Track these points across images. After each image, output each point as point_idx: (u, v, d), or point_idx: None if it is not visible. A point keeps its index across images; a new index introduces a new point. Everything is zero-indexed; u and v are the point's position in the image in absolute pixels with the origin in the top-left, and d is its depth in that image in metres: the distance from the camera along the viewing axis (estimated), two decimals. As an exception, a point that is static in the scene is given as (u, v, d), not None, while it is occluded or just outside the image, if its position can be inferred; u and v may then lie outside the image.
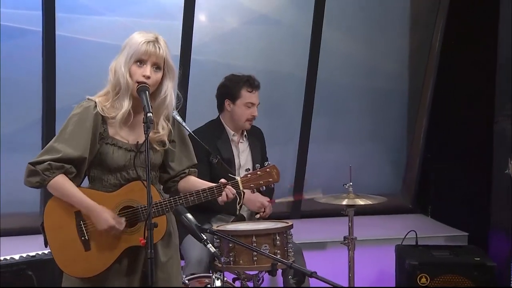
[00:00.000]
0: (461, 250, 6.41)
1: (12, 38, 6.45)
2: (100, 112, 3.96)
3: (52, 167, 3.89)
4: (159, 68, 3.95)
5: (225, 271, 5.09)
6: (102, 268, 3.97)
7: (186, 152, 4.20)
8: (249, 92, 5.72)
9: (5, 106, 6.54)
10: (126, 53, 3.93)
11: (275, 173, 4.15)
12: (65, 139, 3.93)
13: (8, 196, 6.21)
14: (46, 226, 4.02)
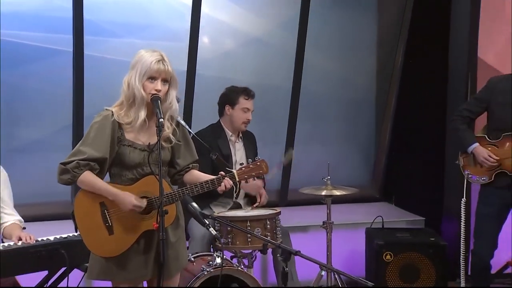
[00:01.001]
0: (419, 232, 6.46)
1: (48, 57, 6.44)
2: (116, 119, 3.98)
3: (80, 165, 3.91)
4: (166, 81, 3.97)
5: (224, 250, 5.16)
6: (123, 249, 3.98)
7: (189, 150, 4.21)
8: (245, 99, 5.77)
9: (42, 114, 6.56)
10: (139, 70, 3.94)
11: (264, 166, 4.17)
12: (89, 143, 3.95)
13: (44, 188, 6.19)
14: (76, 214, 4.04)
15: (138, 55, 4.00)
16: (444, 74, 6.83)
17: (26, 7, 6.32)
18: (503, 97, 5.35)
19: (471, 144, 5.42)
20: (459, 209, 5.58)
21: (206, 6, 6.57)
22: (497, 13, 6.54)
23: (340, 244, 6.21)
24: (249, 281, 4.96)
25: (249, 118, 5.82)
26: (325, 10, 6.99)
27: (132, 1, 6.60)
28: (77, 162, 3.91)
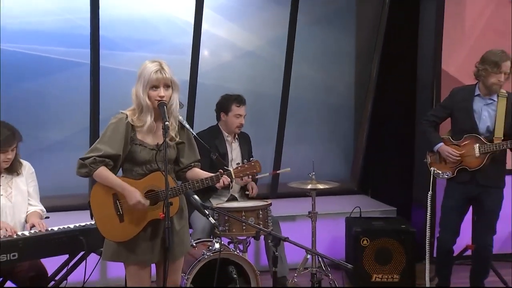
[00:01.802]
0: (391, 220, 6.44)
1: (69, 68, 6.45)
2: (130, 122, 3.98)
3: (96, 161, 3.91)
4: (168, 86, 3.96)
5: (222, 236, 5.17)
6: (132, 234, 3.98)
7: (192, 150, 4.21)
8: (237, 106, 5.78)
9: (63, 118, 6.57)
10: (143, 81, 3.94)
11: (258, 166, 4.15)
12: (105, 141, 3.95)
13: (65, 183, 6.21)
14: (92, 204, 4.04)
15: (142, 66, 4.00)
16: (413, 83, 6.85)
17: (51, 25, 6.33)
18: (464, 105, 5.34)
19: (437, 144, 5.42)
20: (426, 201, 5.56)
21: (206, 24, 6.55)
22: (458, 31, 6.53)
23: (323, 231, 6.21)
24: (244, 264, 4.97)
25: (241, 122, 5.83)
26: (310, 27, 6.97)
27: (142, 20, 6.57)
28: (94, 158, 3.92)
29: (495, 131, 5.25)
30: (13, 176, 4.77)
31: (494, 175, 5.31)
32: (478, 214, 5.45)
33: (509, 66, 5.18)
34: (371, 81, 7.24)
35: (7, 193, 4.72)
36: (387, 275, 5.99)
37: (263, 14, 6.93)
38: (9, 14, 6.13)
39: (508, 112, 5.26)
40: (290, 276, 5.68)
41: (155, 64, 3.95)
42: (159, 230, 3.96)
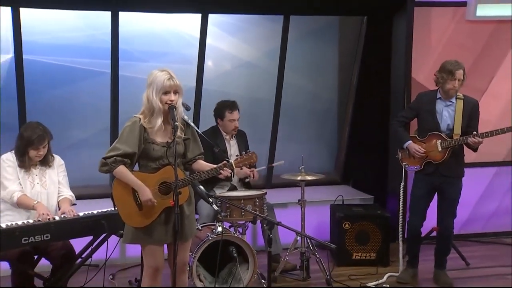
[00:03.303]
0: (369, 207, 6.47)
1: (92, 77, 6.47)
2: (143, 124, 4.01)
3: (116, 161, 3.95)
4: (176, 92, 4.00)
5: (224, 221, 5.17)
6: (149, 221, 4.02)
7: (196, 144, 4.23)
8: (229, 113, 5.76)
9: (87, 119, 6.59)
10: (155, 87, 3.96)
11: (254, 156, 4.18)
12: (123, 141, 3.99)
13: (89, 175, 6.04)
14: (114, 196, 4.09)
15: (152, 75, 4.01)
16: (387, 90, 6.83)
17: (77, 39, 6.34)
18: (428, 106, 5.36)
19: (406, 141, 5.42)
20: (399, 190, 5.59)
21: (210, 38, 6.53)
22: (426, 45, 6.55)
23: (311, 216, 6.20)
24: (243, 244, 4.98)
25: (236, 125, 5.80)
26: (299, 41, 6.95)
27: (155, 35, 6.56)
28: (115, 158, 3.95)
29: (454, 129, 5.27)
30: (46, 168, 4.79)
31: (454, 167, 5.33)
32: (441, 201, 5.43)
33: (462, 74, 5.20)
34: (351, 88, 7.22)
35: (42, 181, 4.75)
36: (366, 253, 6.01)
37: (259, 30, 6.91)
38: (42, 30, 6.15)
39: (465, 112, 5.29)
40: (283, 255, 5.64)
41: (166, 73, 3.98)
42: (171, 215, 3.97)
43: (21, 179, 4.68)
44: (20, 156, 4.69)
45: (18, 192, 4.60)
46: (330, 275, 5.55)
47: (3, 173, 4.66)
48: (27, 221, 4.44)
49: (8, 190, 4.60)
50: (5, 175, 4.65)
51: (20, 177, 4.68)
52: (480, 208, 6.91)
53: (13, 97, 6.08)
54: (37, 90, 6.23)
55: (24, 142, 4.67)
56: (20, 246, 4.32)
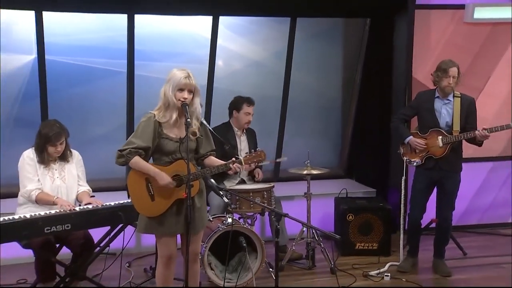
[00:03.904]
0: (372, 199, 6.48)
1: (109, 76, 6.47)
2: (157, 119, 4.03)
3: (131, 152, 3.97)
4: (191, 92, 4.01)
5: (234, 213, 5.19)
6: (162, 211, 4.04)
7: (209, 142, 4.25)
8: (248, 106, 5.80)
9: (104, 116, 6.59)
10: (172, 83, 3.98)
11: (263, 154, 4.20)
12: (138, 136, 4.01)
13: (106, 168, 6.15)
14: (129, 186, 4.11)
15: (172, 72, 4.04)
16: (389, 88, 6.83)
17: (95, 41, 6.35)
18: (427, 105, 5.37)
19: (407, 137, 5.44)
20: (400, 184, 5.58)
21: (220, 39, 6.55)
22: (425, 46, 6.55)
23: (316, 208, 6.20)
24: (251, 235, 5.01)
25: (250, 119, 5.83)
26: (305, 42, 6.94)
27: (169, 36, 6.56)
28: (130, 150, 3.97)
29: (453, 125, 5.26)
30: (65, 163, 4.83)
31: (453, 162, 5.33)
32: (440, 194, 5.43)
33: (456, 71, 5.22)
34: (355, 86, 7.23)
35: (61, 176, 4.78)
36: (368, 243, 6.02)
37: (267, 31, 6.90)
38: (62, 33, 6.17)
39: (463, 110, 5.29)
40: (289, 245, 5.66)
41: (184, 72, 4.00)
42: (183, 207, 4.01)
43: (41, 174, 4.71)
44: (39, 152, 4.72)
45: (35, 190, 4.64)
46: (335, 264, 5.58)
47: (22, 171, 4.70)
48: (49, 212, 4.48)
49: (26, 189, 4.64)
50: (24, 173, 4.69)
51: (40, 173, 4.71)
52: (477, 201, 6.91)
53: (36, 95, 6.12)
54: (58, 89, 6.25)
55: (42, 139, 4.70)
56: (42, 235, 4.35)
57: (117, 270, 5.01)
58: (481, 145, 5.34)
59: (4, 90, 6.18)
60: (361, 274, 5.50)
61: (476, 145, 5.33)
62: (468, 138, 5.27)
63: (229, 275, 4.97)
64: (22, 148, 4.80)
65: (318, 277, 5.49)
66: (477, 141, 5.27)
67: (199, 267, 4.44)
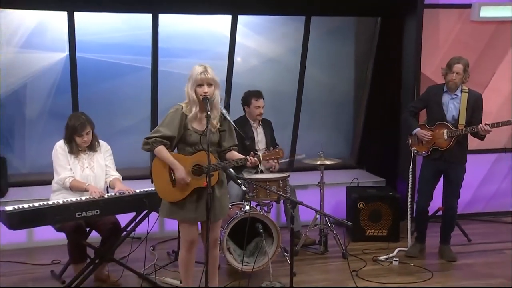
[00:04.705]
0: (381, 189, 6.44)
1: (134, 72, 6.49)
2: (184, 112, 4.05)
3: (157, 141, 4.00)
4: (211, 84, 4.00)
5: (251, 200, 5.16)
6: (182, 196, 4.08)
7: (231, 137, 4.24)
8: (255, 100, 5.79)
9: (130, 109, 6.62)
10: (191, 80, 4.00)
11: (281, 152, 4.20)
12: (165, 125, 4.04)
13: (132, 158, 6.27)
14: (153, 172, 4.14)
15: (192, 70, 4.05)
16: (399, 83, 6.78)
17: (121, 39, 6.37)
18: (436, 98, 5.35)
19: (415, 129, 5.42)
20: (408, 174, 5.59)
21: (239, 36, 6.54)
22: (434, 43, 6.50)
23: (329, 197, 6.19)
24: (268, 221, 4.99)
25: (261, 112, 5.80)
26: (319, 40, 6.91)
27: (190, 34, 6.56)
28: (155, 138, 4.00)
29: (459, 119, 5.24)
30: (93, 153, 4.86)
31: (458, 154, 5.30)
32: (446, 183, 5.42)
33: (460, 68, 5.18)
34: (366, 81, 7.19)
35: (90, 165, 4.81)
36: (378, 230, 6.02)
37: (283, 29, 6.88)
38: (91, 31, 6.21)
39: (469, 105, 5.26)
40: (303, 231, 5.68)
41: (201, 67, 4.01)
42: (203, 195, 4.02)
43: (72, 164, 4.75)
44: (68, 143, 4.76)
45: (69, 177, 4.68)
46: (346, 249, 5.60)
47: (56, 160, 4.75)
48: (80, 198, 4.53)
49: (60, 177, 4.69)
50: (58, 162, 4.73)
51: (71, 163, 4.75)
52: (481, 190, 6.87)
53: (68, 90, 6.17)
54: (88, 84, 6.29)
55: (69, 130, 4.74)
56: (74, 219, 4.41)
57: (142, 253, 5.07)
58: (483, 139, 5.31)
59: (39, 85, 6.26)
60: (371, 258, 5.51)
61: (479, 139, 5.31)
62: (472, 132, 5.24)
63: (246, 259, 4.98)
64: (55, 139, 4.86)
65: (330, 262, 5.50)
66: (480, 135, 5.24)
67: (218, 251, 4.46)
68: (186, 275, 4.32)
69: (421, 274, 5.17)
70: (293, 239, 4.05)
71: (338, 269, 5.28)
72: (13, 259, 5.48)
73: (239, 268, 4.84)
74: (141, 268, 5.00)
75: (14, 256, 5.56)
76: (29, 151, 6.41)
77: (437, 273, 5.18)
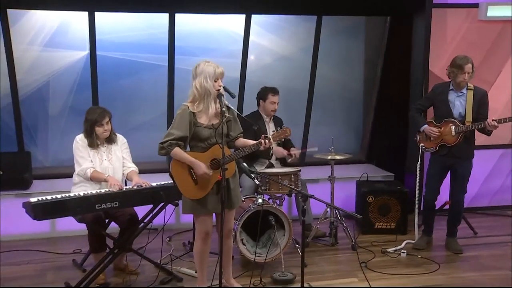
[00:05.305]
0: (390, 183, 6.43)
1: (152, 69, 6.52)
2: (191, 110, 4.06)
3: (171, 144, 4.03)
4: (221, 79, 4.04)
5: (264, 194, 5.18)
6: (204, 193, 4.12)
7: (237, 125, 4.28)
8: (272, 95, 5.77)
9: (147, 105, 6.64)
10: (207, 75, 3.99)
11: (288, 131, 4.26)
12: (175, 127, 4.06)
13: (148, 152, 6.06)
14: (173, 173, 4.16)
15: (200, 66, 4.04)
16: (407, 81, 6.74)
17: (139, 37, 6.40)
18: (442, 96, 5.32)
19: (423, 125, 5.40)
20: (416, 169, 5.58)
21: (252, 35, 6.53)
22: (442, 42, 6.46)
23: (339, 190, 6.18)
24: (280, 214, 5.00)
25: (275, 108, 5.79)
26: (330, 38, 6.91)
27: (205, 33, 6.57)
28: (170, 142, 4.01)
29: (466, 116, 5.21)
30: (111, 146, 4.87)
31: (465, 149, 5.28)
32: (453, 178, 5.40)
33: (470, 67, 5.14)
34: (376, 79, 7.17)
35: (108, 158, 4.83)
36: (386, 223, 6.00)
37: (295, 28, 6.88)
38: (108, 30, 6.23)
39: (475, 101, 5.23)
40: (314, 224, 5.67)
41: (213, 63, 4.03)
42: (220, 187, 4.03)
43: (92, 157, 4.78)
44: (88, 136, 4.77)
45: (90, 168, 4.70)
46: (355, 241, 5.58)
47: (77, 152, 4.77)
48: (100, 191, 4.57)
49: (82, 167, 4.71)
50: (79, 154, 4.76)
51: (91, 155, 4.78)
52: (487, 185, 6.83)
53: (88, 86, 6.22)
54: (107, 81, 6.32)
55: (89, 123, 4.75)
56: (94, 211, 4.44)
57: (158, 244, 5.09)
58: (490, 135, 5.29)
59: (61, 83, 6.31)
60: (379, 250, 5.51)
61: (485, 134, 5.28)
62: (479, 128, 5.22)
63: (259, 250, 5.00)
64: (76, 134, 4.89)
65: (340, 253, 5.51)
66: (487, 131, 5.22)
67: (232, 242, 4.51)
68: (201, 265, 4.35)
69: (428, 265, 5.17)
70: (304, 231, 4.06)
71: (348, 261, 5.28)
72: (37, 248, 5.56)
73: (252, 259, 4.85)
74: (158, 258, 5.04)
75: (38, 245, 5.64)
76: (51, 146, 6.47)
77: (444, 265, 5.17)
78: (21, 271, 5.04)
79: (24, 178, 5.96)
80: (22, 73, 6.12)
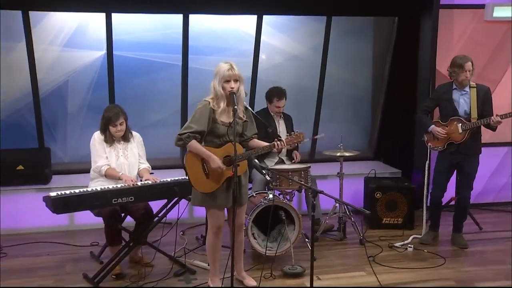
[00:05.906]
0: (397, 179, 6.41)
1: (166, 68, 6.52)
2: (211, 106, 4.07)
3: (189, 136, 4.02)
4: (237, 80, 4.03)
5: (274, 189, 5.18)
6: (215, 187, 4.12)
7: (252, 126, 4.28)
8: (277, 100, 5.75)
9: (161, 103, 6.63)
10: (219, 77, 4.01)
11: (302, 136, 4.23)
12: (195, 121, 4.06)
13: (163, 149, 6.28)
14: (187, 166, 4.16)
15: (218, 67, 4.06)
16: (415, 80, 6.71)
17: (154, 37, 6.40)
18: (446, 96, 5.29)
19: (430, 125, 5.37)
20: (424, 165, 5.52)
21: (264, 35, 6.53)
22: (448, 42, 6.43)
23: (348, 186, 6.18)
24: (290, 209, 5.00)
25: (280, 111, 5.77)
26: (339, 38, 6.88)
27: (218, 33, 6.57)
28: (188, 134, 4.02)
29: (471, 113, 5.19)
30: (127, 143, 4.88)
31: (473, 146, 5.25)
32: (460, 175, 5.39)
33: (470, 65, 5.11)
34: (384, 78, 7.15)
35: (124, 155, 4.84)
36: (394, 218, 5.99)
37: (305, 28, 6.86)
38: (125, 31, 6.25)
39: (479, 98, 5.20)
40: (323, 219, 5.68)
41: (228, 64, 4.02)
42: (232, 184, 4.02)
43: (108, 153, 4.79)
44: (103, 133, 4.79)
45: (105, 166, 4.72)
46: (363, 236, 5.58)
47: (93, 149, 4.80)
48: (116, 186, 4.59)
49: (97, 165, 4.73)
50: (95, 151, 4.78)
51: (107, 151, 4.79)
52: (492, 181, 6.78)
53: (105, 85, 6.24)
54: (123, 80, 6.35)
55: (104, 121, 4.77)
56: (110, 205, 4.47)
57: (172, 237, 5.13)
58: (495, 130, 5.26)
59: (79, 82, 6.34)
60: (387, 245, 5.50)
61: (491, 130, 5.25)
62: (485, 124, 5.19)
63: (270, 244, 5.01)
64: (94, 131, 4.90)
65: (349, 248, 5.50)
66: (492, 127, 5.19)
67: (243, 236, 4.51)
68: (213, 258, 4.37)
69: (434, 260, 5.15)
70: (313, 226, 4.05)
71: (356, 255, 5.27)
72: (56, 241, 5.60)
73: (263, 252, 4.86)
74: (172, 251, 5.06)
75: (57, 237, 5.68)
76: (70, 142, 6.51)
77: (449, 259, 5.15)
78: (41, 262, 5.08)
79: (44, 173, 6.01)
80: (42, 72, 6.16)
